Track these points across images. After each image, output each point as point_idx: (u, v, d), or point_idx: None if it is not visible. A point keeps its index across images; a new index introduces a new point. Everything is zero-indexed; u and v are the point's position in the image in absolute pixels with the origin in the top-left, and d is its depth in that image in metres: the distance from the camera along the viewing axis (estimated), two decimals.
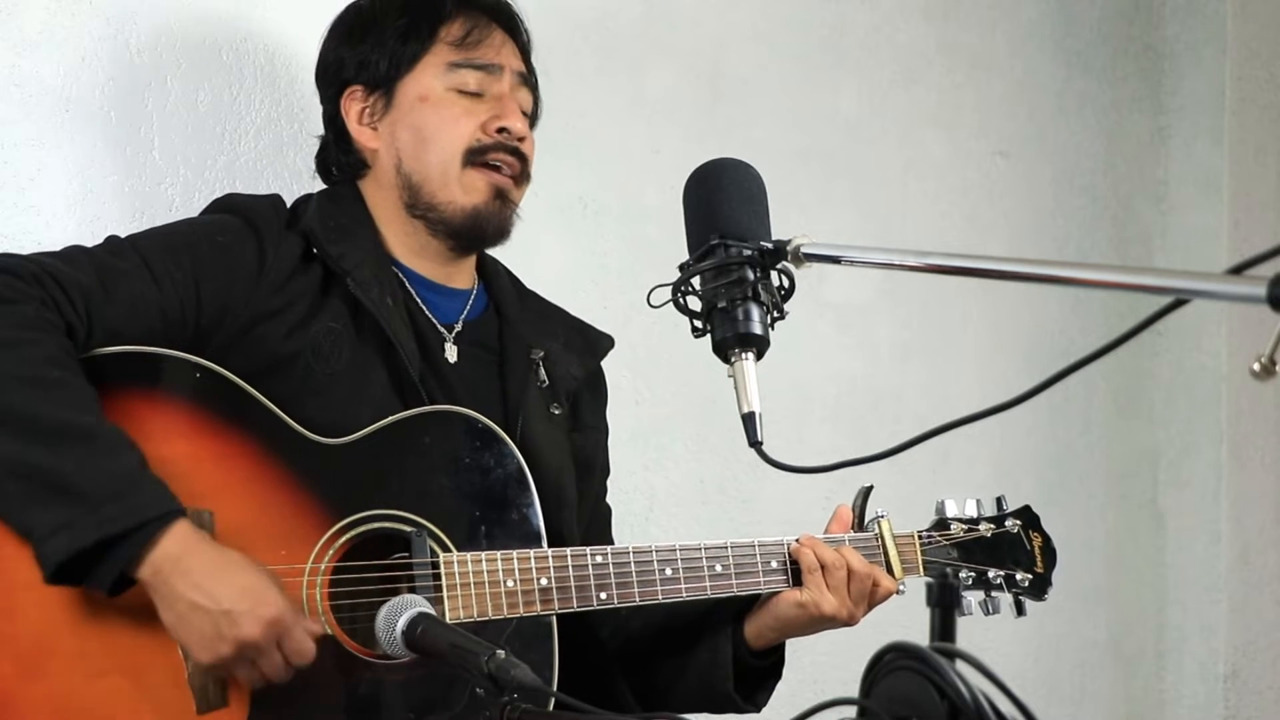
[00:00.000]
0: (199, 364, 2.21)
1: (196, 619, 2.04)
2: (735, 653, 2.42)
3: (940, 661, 1.50)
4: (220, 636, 2.05)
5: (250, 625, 2.05)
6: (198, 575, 2.04)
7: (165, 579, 2.04)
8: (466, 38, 2.43)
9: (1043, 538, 2.56)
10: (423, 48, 2.42)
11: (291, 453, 2.21)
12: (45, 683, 2.06)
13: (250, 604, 2.05)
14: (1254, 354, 1.45)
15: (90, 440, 2.05)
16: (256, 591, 2.06)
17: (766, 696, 2.49)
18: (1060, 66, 3.80)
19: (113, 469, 2.04)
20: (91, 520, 2.00)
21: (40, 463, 2.03)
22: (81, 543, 2.00)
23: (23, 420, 2.04)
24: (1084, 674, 3.80)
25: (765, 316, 1.95)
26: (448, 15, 2.44)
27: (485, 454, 2.28)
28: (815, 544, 2.38)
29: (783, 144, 3.36)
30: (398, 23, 2.44)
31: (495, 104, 2.43)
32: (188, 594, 2.04)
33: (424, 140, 2.41)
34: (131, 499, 2.03)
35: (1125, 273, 2.29)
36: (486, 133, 2.41)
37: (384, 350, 2.33)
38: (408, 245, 2.44)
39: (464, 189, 2.40)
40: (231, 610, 2.04)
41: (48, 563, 2.02)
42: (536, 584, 2.25)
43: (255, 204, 2.39)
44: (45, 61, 2.61)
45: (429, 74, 2.42)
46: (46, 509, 2.01)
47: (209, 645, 2.05)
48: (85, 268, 2.20)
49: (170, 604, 2.05)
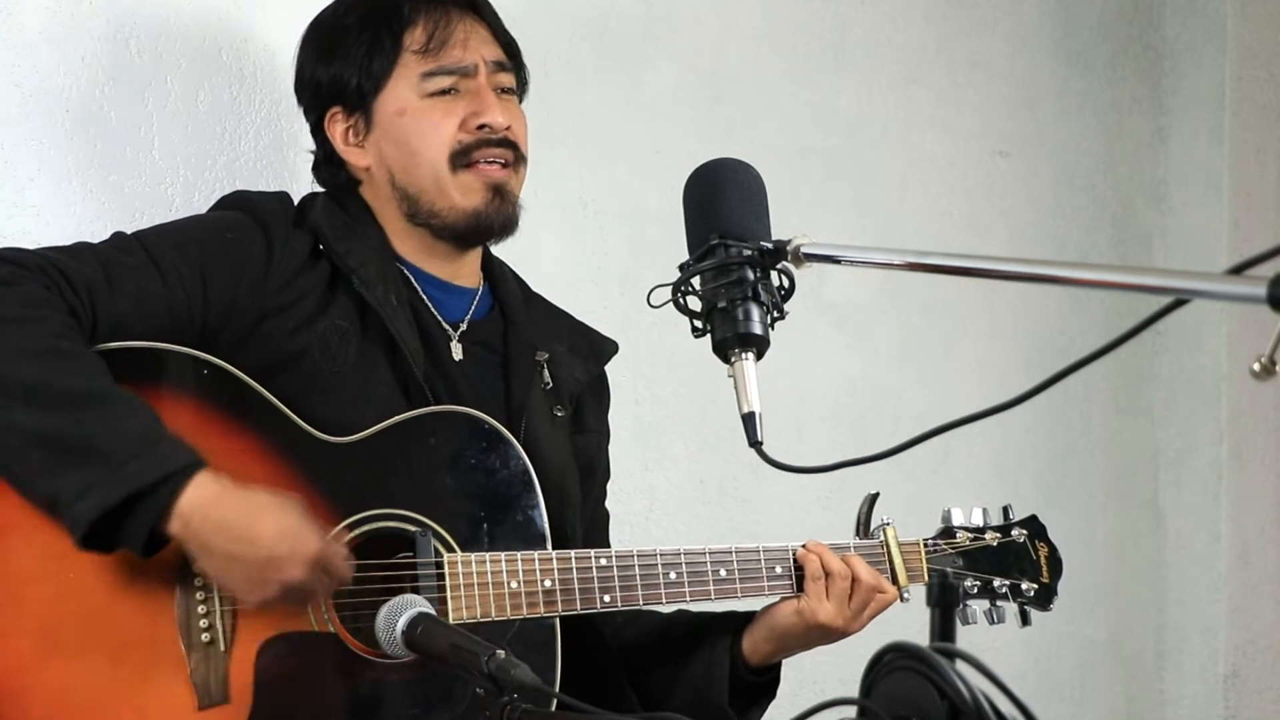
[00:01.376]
0: (205, 360, 2.21)
1: (239, 569, 2.07)
2: (732, 668, 2.40)
3: (940, 661, 1.50)
4: (265, 581, 2.08)
5: (294, 568, 2.08)
6: (231, 525, 2.06)
7: (196, 532, 2.05)
8: (430, 42, 2.39)
9: (1049, 548, 2.55)
10: (390, 62, 2.39)
11: (297, 450, 2.22)
12: (49, 675, 2.07)
13: (290, 546, 2.08)
14: (1254, 354, 1.45)
15: (106, 403, 2.07)
16: (293, 532, 2.09)
17: (760, 714, 2.47)
18: (1060, 66, 3.79)
19: (131, 429, 2.06)
20: (116, 478, 2.02)
21: (59, 429, 2.04)
22: (109, 500, 2.01)
23: (37, 391, 2.06)
24: (1084, 674, 3.80)
25: (765, 316, 1.95)
26: (407, 20, 2.40)
27: (491, 455, 2.29)
28: (822, 551, 2.36)
29: (783, 144, 3.36)
30: (361, 37, 2.40)
31: (473, 99, 2.40)
32: (225, 545, 2.06)
33: (411, 153, 2.39)
34: (152, 454, 2.05)
35: (1125, 273, 2.30)
36: (467, 130, 2.38)
37: (389, 349, 2.33)
38: (413, 245, 2.44)
39: (461, 193, 2.39)
40: (273, 556, 2.07)
41: (78, 525, 2.03)
42: (540, 585, 2.25)
43: (263, 201, 2.39)
44: (45, 61, 2.61)
45: (402, 87, 2.39)
46: (70, 473, 2.03)
47: (256, 589, 2.09)
48: (90, 262, 2.21)
49: (207, 555, 2.07)
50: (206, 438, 2.16)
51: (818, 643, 2.40)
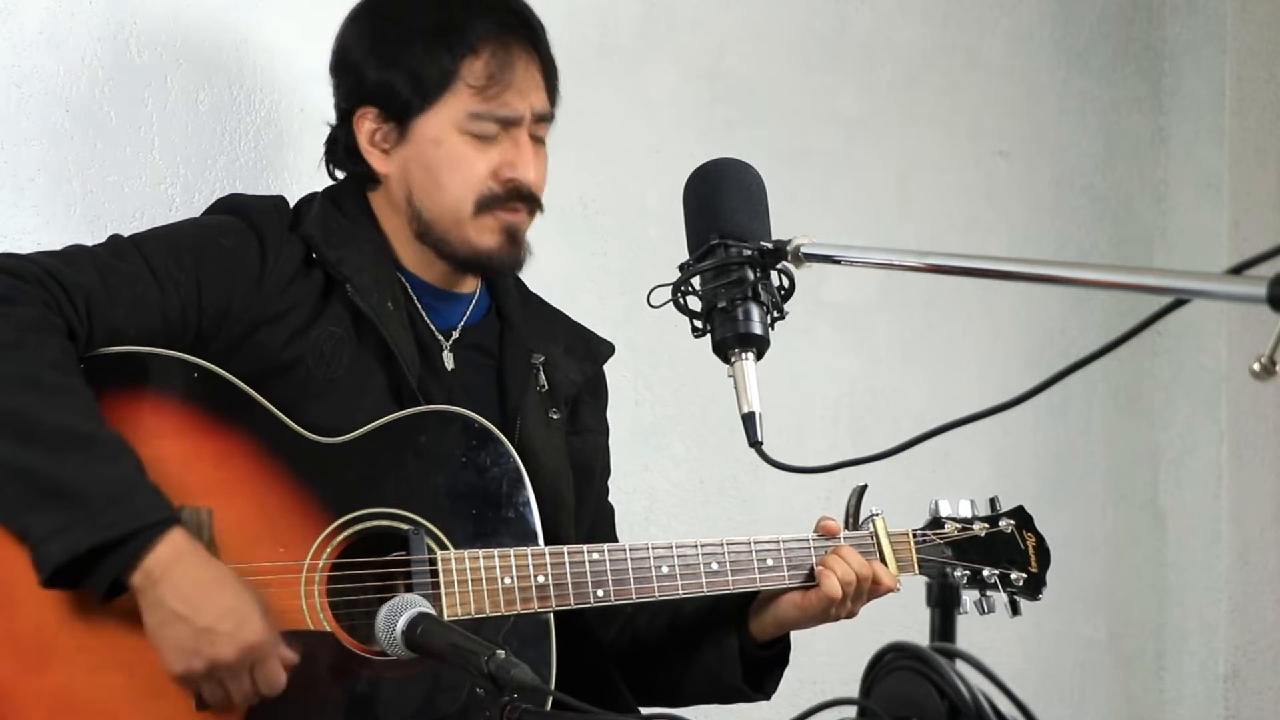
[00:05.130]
0: (196, 364, 2.21)
1: (176, 630, 2.04)
2: (741, 646, 2.43)
3: (940, 661, 1.51)
4: (195, 651, 2.04)
5: (227, 647, 2.05)
6: (186, 587, 2.04)
7: (154, 585, 2.03)
8: (489, 81, 2.34)
9: (1036, 537, 2.56)
10: (443, 88, 2.34)
11: (289, 451, 2.21)
12: (45, 679, 2.06)
13: (233, 625, 2.05)
14: (1254, 354, 1.45)
15: (89, 446, 2.05)
16: (240, 614, 2.06)
17: (775, 683, 2.50)
18: (1060, 66, 3.79)
19: (110, 475, 2.04)
20: (87, 526, 2.01)
21: (39, 467, 2.03)
22: (77, 548, 2.00)
23: (23, 424, 2.04)
24: (1084, 674, 3.80)
25: (765, 316, 1.95)
26: (471, 46, 2.34)
27: (482, 453, 2.29)
28: (851, 559, 2.39)
29: (783, 144, 3.36)
30: (421, 51, 2.34)
31: (509, 148, 2.36)
32: (172, 604, 2.04)
33: (437, 184, 2.36)
34: (128, 505, 2.03)
35: (1125, 273, 2.30)
36: (498, 180, 2.35)
37: (384, 356, 2.33)
38: (413, 255, 2.42)
39: (476, 232, 2.37)
40: (212, 628, 2.04)
41: (44, 566, 2.02)
42: (534, 581, 2.25)
43: (259, 205, 2.38)
44: (45, 61, 2.61)
45: (445, 116, 2.34)
46: (44, 513, 2.02)
47: (182, 657, 2.05)
48: (87, 268, 2.20)
49: (154, 609, 2.05)
50: (199, 440, 2.15)
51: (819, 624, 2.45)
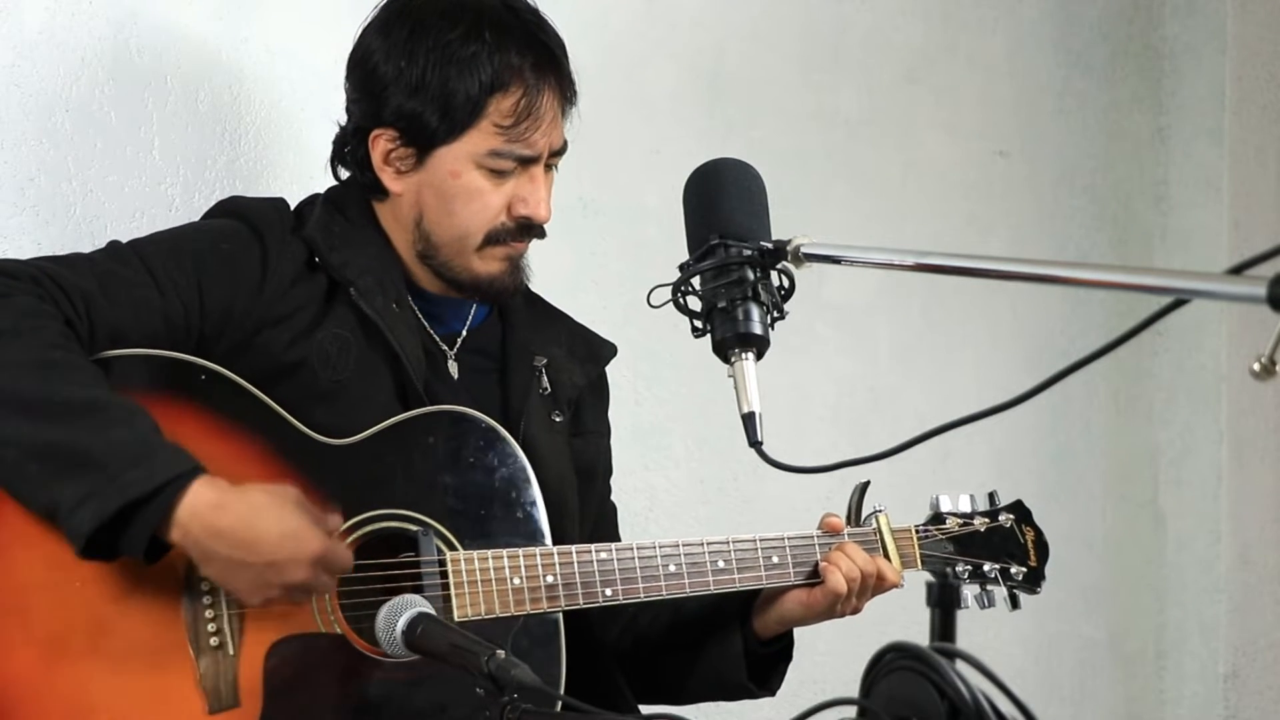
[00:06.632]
0: (202, 365, 2.22)
1: (241, 574, 2.08)
2: (745, 643, 2.44)
3: (940, 661, 1.51)
4: (268, 584, 2.09)
5: (297, 570, 2.09)
6: (231, 531, 2.06)
7: (196, 540, 2.05)
8: (515, 121, 2.33)
9: (1035, 531, 2.58)
10: (468, 124, 2.32)
11: (298, 453, 2.22)
12: (59, 684, 2.07)
13: (291, 549, 2.08)
14: (1254, 354, 1.45)
15: (102, 412, 2.07)
16: (293, 534, 2.09)
17: (779, 680, 2.51)
18: (1060, 66, 3.79)
19: (127, 437, 2.06)
20: (113, 488, 2.02)
21: (56, 440, 2.04)
22: (105, 511, 2.01)
23: (33, 402, 2.06)
24: (1084, 674, 3.80)
25: (765, 316, 1.96)
26: (506, 85, 2.32)
27: (489, 453, 2.30)
28: (855, 556, 2.39)
29: (783, 144, 3.36)
30: (454, 81, 2.31)
31: (523, 183, 2.36)
32: (226, 552, 2.06)
33: (449, 213, 2.35)
34: (149, 463, 2.04)
35: (1125, 273, 2.30)
36: (511, 216, 2.36)
37: (390, 359, 2.33)
38: (415, 268, 2.42)
39: (481, 261, 2.38)
40: (274, 560, 2.08)
41: (77, 535, 2.03)
42: (543, 581, 2.26)
43: (259, 208, 2.38)
44: (45, 61, 2.61)
45: (466, 151, 2.33)
46: (68, 484, 2.03)
47: (259, 593, 2.10)
48: (86, 273, 2.20)
49: (208, 562, 2.08)
50: (205, 442, 2.15)
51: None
